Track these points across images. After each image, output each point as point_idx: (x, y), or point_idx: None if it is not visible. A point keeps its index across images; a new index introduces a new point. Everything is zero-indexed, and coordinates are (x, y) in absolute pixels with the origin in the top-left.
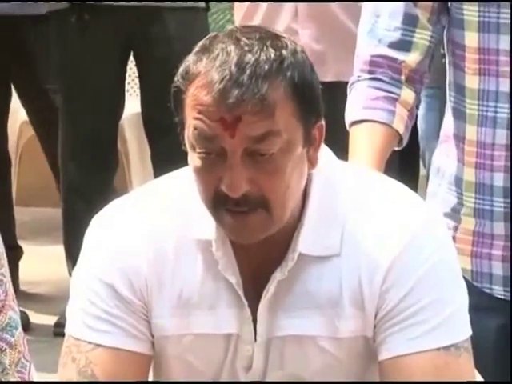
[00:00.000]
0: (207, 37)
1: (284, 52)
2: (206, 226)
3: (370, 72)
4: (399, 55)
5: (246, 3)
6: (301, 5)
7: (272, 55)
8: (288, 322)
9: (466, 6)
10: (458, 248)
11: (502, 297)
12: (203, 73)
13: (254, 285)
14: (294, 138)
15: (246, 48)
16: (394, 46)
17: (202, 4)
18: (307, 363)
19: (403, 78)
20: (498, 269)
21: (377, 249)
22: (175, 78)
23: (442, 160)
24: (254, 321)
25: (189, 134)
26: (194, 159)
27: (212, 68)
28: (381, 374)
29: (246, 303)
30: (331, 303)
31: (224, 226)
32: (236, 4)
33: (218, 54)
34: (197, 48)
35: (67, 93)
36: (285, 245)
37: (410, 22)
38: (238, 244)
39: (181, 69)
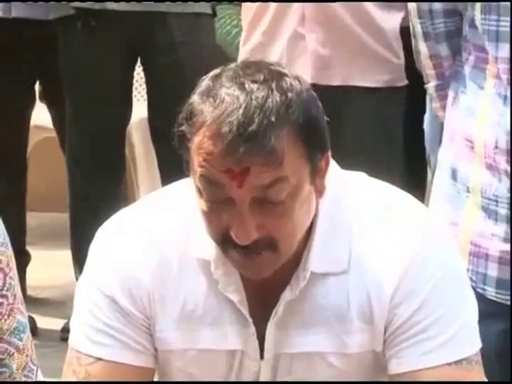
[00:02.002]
0: (210, 75)
1: (290, 94)
2: (205, 245)
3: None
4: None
5: (253, 9)
6: (308, 9)
7: (278, 100)
8: (297, 340)
9: (477, 15)
10: (458, 246)
11: (494, 299)
12: (209, 123)
13: (260, 302)
14: (301, 179)
15: (253, 95)
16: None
17: (208, 10)
18: (315, 378)
19: None
20: (494, 270)
21: (384, 264)
22: (179, 119)
23: (451, 159)
24: (259, 337)
25: (195, 179)
26: (200, 203)
27: (218, 118)
28: None
29: (250, 320)
30: (339, 319)
31: (232, 262)
32: (243, 9)
33: (223, 101)
34: (200, 88)
35: (73, 99)
36: (293, 263)
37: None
38: None
39: (184, 110)
